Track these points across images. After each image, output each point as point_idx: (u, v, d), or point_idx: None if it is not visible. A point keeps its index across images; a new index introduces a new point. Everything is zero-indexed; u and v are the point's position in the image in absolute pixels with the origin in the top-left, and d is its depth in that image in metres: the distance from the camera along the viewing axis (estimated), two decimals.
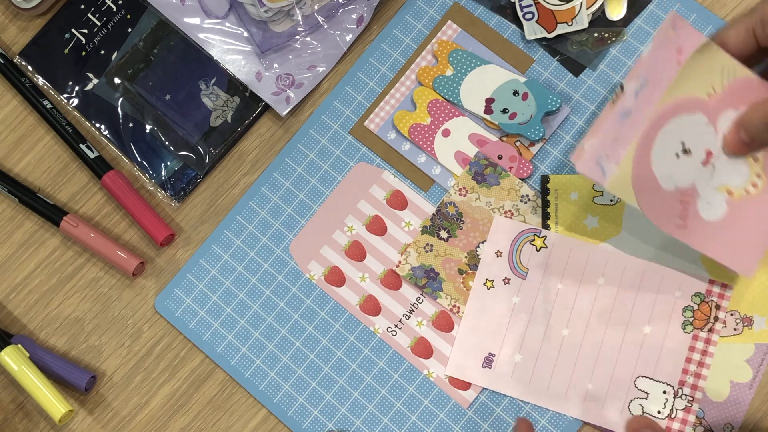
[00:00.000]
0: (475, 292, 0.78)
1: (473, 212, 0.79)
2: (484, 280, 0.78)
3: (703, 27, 0.80)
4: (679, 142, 0.70)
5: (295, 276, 0.82)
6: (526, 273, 0.77)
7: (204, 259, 0.83)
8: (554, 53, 0.82)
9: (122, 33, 0.87)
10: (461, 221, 0.79)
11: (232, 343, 0.81)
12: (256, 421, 0.80)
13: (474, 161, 0.79)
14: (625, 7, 0.82)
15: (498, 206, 0.78)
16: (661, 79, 0.69)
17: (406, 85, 0.83)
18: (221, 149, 0.84)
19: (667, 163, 0.69)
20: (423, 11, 0.84)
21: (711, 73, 0.70)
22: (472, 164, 0.79)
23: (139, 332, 0.83)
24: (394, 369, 0.79)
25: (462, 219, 0.79)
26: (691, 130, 0.70)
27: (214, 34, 0.85)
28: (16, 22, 0.89)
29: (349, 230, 0.82)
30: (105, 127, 0.86)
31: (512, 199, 0.79)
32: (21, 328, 0.84)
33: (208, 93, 0.85)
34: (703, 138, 0.70)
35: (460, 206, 0.79)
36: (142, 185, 0.85)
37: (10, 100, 0.88)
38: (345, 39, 0.84)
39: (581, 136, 0.80)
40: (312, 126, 0.84)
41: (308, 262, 0.82)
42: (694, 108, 0.70)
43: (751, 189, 0.71)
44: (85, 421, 0.81)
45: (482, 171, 0.79)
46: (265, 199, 0.83)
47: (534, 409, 0.76)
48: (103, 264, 0.84)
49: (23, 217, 0.86)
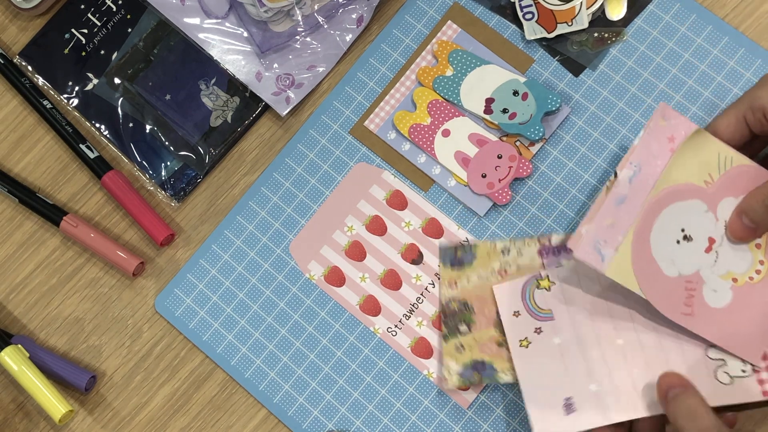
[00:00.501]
0: (517, 355, 0.75)
1: (474, 293, 0.78)
2: (518, 343, 0.75)
3: (703, 27, 0.80)
4: (678, 228, 0.71)
5: (295, 276, 0.82)
6: (551, 314, 0.75)
7: (204, 259, 0.83)
8: (554, 53, 0.82)
9: (122, 33, 0.87)
10: (470, 308, 0.78)
11: (232, 343, 0.81)
12: (256, 421, 0.80)
13: (442, 254, 0.79)
14: (625, 7, 0.82)
15: (489, 273, 0.78)
16: (655, 166, 0.71)
17: (406, 86, 0.83)
18: (221, 149, 0.84)
19: (668, 248, 0.70)
20: (423, 11, 0.84)
21: (707, 160, 0.71)
22: (443, 257, 0.79)
23: (139, 332, 0.83)
24: (394, 369, 0.79)
25: (469, 306, 0.78)
26: (691, 217, 0.71)
27: (214, 34, 0.85)
28: (16, 22, 0.89)
29: (349, 230, 0.82)
30: (105, 127, 0.86)
31: (496, 259, 0.78)
32: (21, 328, 0.84)
33: (208, 93, 0.85)
34: (703, 225, 0.71)
35: (460, 297, 0.78)
36: (142, 185, 0.85)
37: (10, 100, 0.88)
38: (345, 39, 0.84)
39: (581, 136, 0.80)
40: (312, 126, 0.84)
41: (308, 262, 0.82)
42: (691, 195, 0.71)
43: (755, 276, 0.72)
44: (85, 421, 0.81)
45: (455, 256, 0.78)
46: (265, 199, 0.83)
47: None
48: (103, 264, 0.84)
49: (23, 217, 0.86)
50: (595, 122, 0.80)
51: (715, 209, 0.71)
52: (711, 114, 0.79)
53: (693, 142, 0.72)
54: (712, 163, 0.72)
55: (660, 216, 0.71)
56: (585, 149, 0.80)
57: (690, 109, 0.79)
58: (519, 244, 0.78)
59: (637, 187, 0.71)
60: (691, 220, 0.71)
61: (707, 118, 0.79)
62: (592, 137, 0.80)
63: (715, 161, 0.72)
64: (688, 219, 0.71)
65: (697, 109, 0.79)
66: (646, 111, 0.80)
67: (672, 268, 0.71)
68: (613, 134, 0.80)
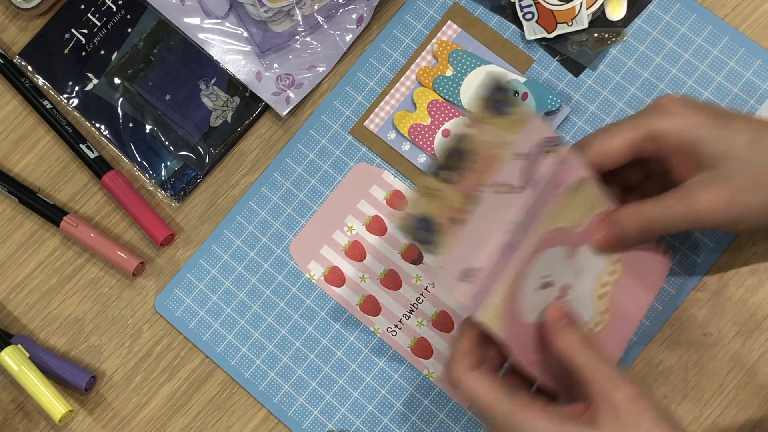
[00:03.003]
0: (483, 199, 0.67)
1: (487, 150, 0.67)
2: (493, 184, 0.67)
3: (703, 27, 0.80)
4: (544, 275, 0.70)
5: (295, 276, 0.82)
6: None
7: (204, 259, 0.83)
8: (554, 53, 0.82)
9: (122, 33, 0.87)
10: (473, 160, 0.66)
11: (232, 343, 0.81)
12: (256, 421, 0.80)
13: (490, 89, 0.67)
14: (625, 8, 0.82)
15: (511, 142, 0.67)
16: (541, 213, 0.69)
17: (406, 86, 0.83)
18: (221, 149, 0.84)
19: (532, 296, 0.69)
20: (423, 11, 0.84)
21: (583, 206, 0.71)
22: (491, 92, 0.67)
23: (139, 332, 0.83)
24: (394, 369, 0.79)
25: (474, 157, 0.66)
26: (555, 264, 0.70)
27: (214, 34, 0.85)
28: (16, 22, 0.89)
29: (349, 230, 0.82)
30: (105, 127, 0.86)
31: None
32: (21, 328, 0.84)
33: (208, 93, 0.85)
34: (563, 272, 0.71)
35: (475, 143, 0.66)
36: (142, 185, 0.85)
37: (10, 100, 0.88)
38: (345, 39, 0.84)
39: (581, 136, 0.80)
40: (312, 126, 0.84)
41: (308, 262, 0.82)
42: (562, 241, 0.70)
43: (597, 327, 0.73)
44: (85, 421, 0.81)
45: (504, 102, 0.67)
46: (265, 199, 0.83)
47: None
48: (103, 264, 0.84)
49: (23, 217, 0.86)
50: (595, 122, 0.81)
51: (574, 256, 0.71)
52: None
53: (576, 189, 0.70)
54: (586, 209, 0.71)
55: (533, 263, 0.69)
56: None
57: None
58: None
59: (522, 234, 0.68)
60: (555, 268, 0.70)
61: None
62: None
63: (590, 209, 0.71)
64: (553, 266, 0.70)
65: None
66: None
67: (532, 315, 0.69)
68: None
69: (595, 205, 0.72)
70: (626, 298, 0.74)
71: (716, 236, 0.77)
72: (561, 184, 0.69)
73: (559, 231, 0.70)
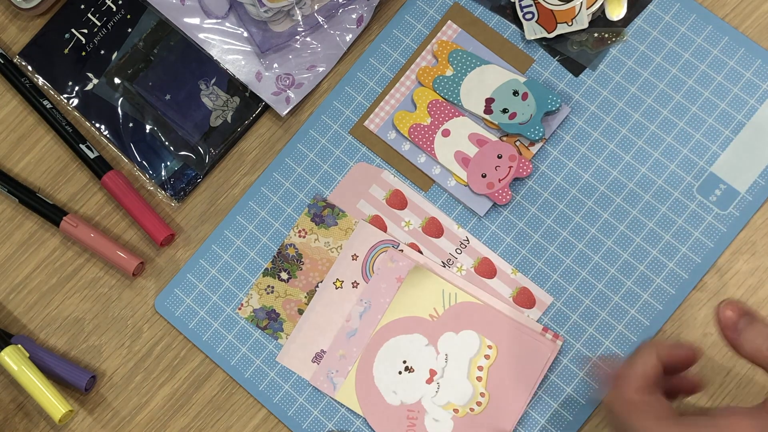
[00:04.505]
0: (323, 289, 0.79)
1: (312, 253, 0.80)
2: (334, 279, 0.79)
3: (703, 27, 0.80)
4: (401, 360, 0.77)
5: None
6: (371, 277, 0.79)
7: (204, 259, 0.83)
8: (554, 53, 0.82)
9: (122, 33, 0.87)
10: (301, 262, 0.80)
11: (232, 343, 0.81)
12: (256, 421, 0.80)
13: (312, 203, 0.81)
14: (625, 7, 0.82)
15: (336, 246, 0.80)
16: (383, 303, 0.77)
17: (406, 85, 0.83)
18: (221, 149, 0.84)
19: (390, 379, 0.77)
20: (423, 11, 0.84)
21: (431, 296, 0.77)
22: (310, 207, 0.81)
23: (139, 332, 0.83)
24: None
25: (302, 260, 0.80)
26: (412, 350, 0.77)
27: (214, 34, 0.85)
28: (16, 22, 0.89)
29: None
30: (105, 127, 0.86)
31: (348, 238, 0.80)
32: (21, 328, 0.84)
33: (208, 93, 0.85)
34: (425, 357, 0.77)
35: (300, 248, 0.80)
36: (142, 185, 0.85)
37: (10, 100, 0.88)
38: (345, 39, 0.84)
39: (581, 136, 0.80)
40: (312, 126, 0.84)
41: None
42: (414, 328, 0.77)
43: (476, 407, 0.76)
44: (85, 421, 0.81)
45: (320, 213, 0.81)
46: (265, 199, 0.83)
47: (534, 409, 0.76)
48: (103, 264, 0.84)
49: (23, 217, 0.86)
50: (595, 122, 0.81)
51: (436, 343, 0.77)
52: (709, 114, 0.79)
53: (415, 277, 0.77)
54: (437, 299, 0.77)
55: (383, 348, 0.77)
56: (585, 149, 0.80)
57: (690, 109, 0.79)
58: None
59: (366, 322, 0.77)
60: (413, 353, 0.77)
61: (706, 118, 0.79)
62: (592, 137, 0.80)
63: (440, 297, 0.77)
64: (410, 351, 0.77)
65: (697, 109, 0.79)
66: (646, 111, 0.80)
67: (394, 397, 0.76)
68: (613, 134, 0.80)
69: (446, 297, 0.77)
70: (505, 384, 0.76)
71: (716, 236, 0.77)
72: (398, 279, 0.77)
73: (409, 320, 0.77)
